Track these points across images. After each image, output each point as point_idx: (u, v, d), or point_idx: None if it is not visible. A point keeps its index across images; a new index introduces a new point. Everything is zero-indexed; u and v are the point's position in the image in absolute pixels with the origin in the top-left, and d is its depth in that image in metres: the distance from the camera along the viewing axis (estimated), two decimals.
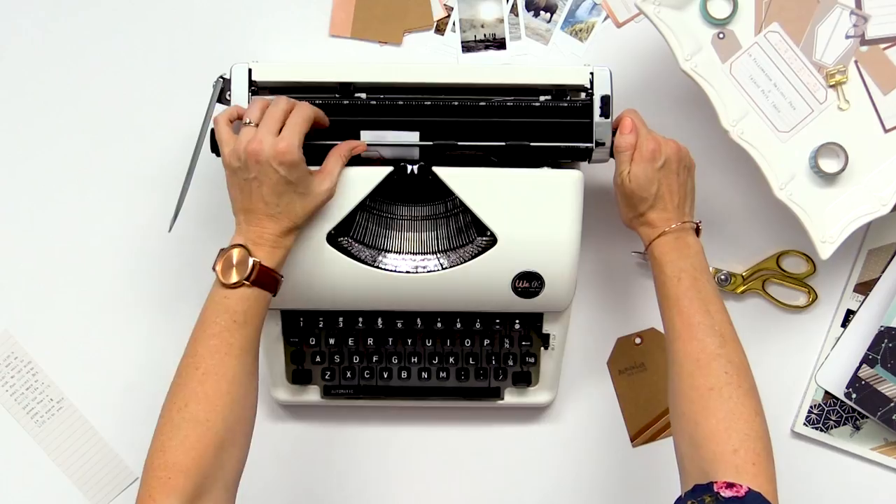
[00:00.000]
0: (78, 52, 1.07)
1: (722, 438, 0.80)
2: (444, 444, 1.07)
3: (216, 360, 0.82)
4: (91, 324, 1.06)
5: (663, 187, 0.92)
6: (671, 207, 0.92)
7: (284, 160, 0.84)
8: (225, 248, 0.86)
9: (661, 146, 0.92)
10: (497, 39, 1.07)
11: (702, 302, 0.87)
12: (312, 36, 1.06)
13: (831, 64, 0.97)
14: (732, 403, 0.82)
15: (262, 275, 0.85)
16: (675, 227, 0.91)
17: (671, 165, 0.92)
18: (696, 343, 0.85)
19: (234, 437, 0.82)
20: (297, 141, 0.85)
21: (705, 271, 0.90)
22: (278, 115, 0.86)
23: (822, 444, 1.07)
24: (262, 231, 0.86)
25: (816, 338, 1.07)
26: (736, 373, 0.84)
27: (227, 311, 0.83)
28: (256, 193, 0.85)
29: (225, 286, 0.84)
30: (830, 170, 0.96)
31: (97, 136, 1.07)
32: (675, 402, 0.85)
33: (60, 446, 1.06)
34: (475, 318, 1.00)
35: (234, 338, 0.83)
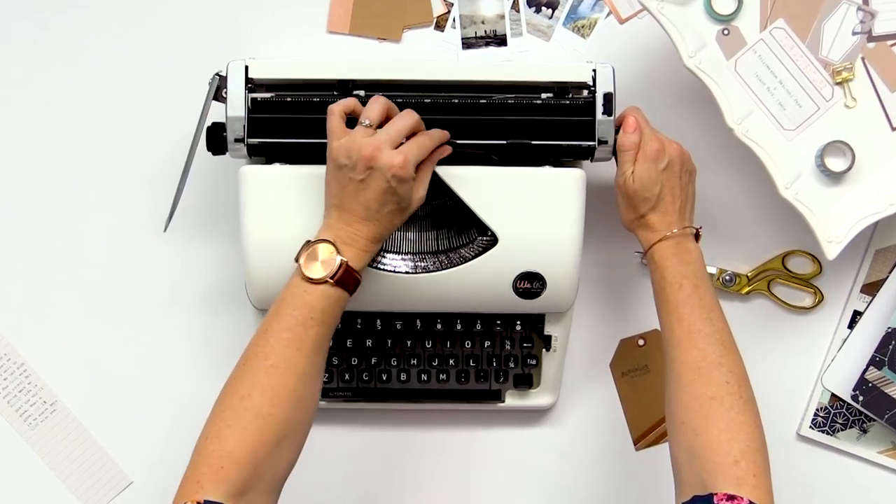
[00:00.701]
0: (71, 49, 1.06)
1: (723, 449, 0.80)
2: (444, 448, 1.07)
3: (287, 354, 0.81)
4: (85, 325, 1.06)
5: (666, 189, 0.91)
6: (672, 211, 0.92)
7: (399, 174, 0.84)
8: (311, 241, 0.84)
9: (666, 147, 0.92)
10: (498, 36, 1.07)
11: (703, 310, 0.87)
12: (310, 32, 1.06)
13: (838, 61, 0.97)
14: (734, 413, 0.82)
15: (346, 275, 0.84)
16: (677, 232, 0.91)
17: (674, 167, 0.92)
18: (696, 351, 0.85)
19: (293, 436, 0.81)
20: (414, 160, 0.85)
21: (706, 278, 0.90)
22: (402, 131, 0.86)
23: (829, 448, 1.07)
24: (355, 233, 0.85)
25: (822, 339, 1.07)
26: (737, 383, 0.84)
27: (306, 307, 0.82)
28: (360, 196, 0.85)
29: (306, 280, 0.83)
30: (837, 168, 0.96)
31: (91, 134, 1.06)
32: (673, 411, 0.85)
33: (54, 449, 1.06)
34: (476, 319, 1.00)
35: (309, 335, 0.82)
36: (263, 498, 0.79)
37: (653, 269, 0.91)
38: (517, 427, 1.07)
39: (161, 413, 1.06)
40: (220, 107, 0.95)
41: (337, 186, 0.86)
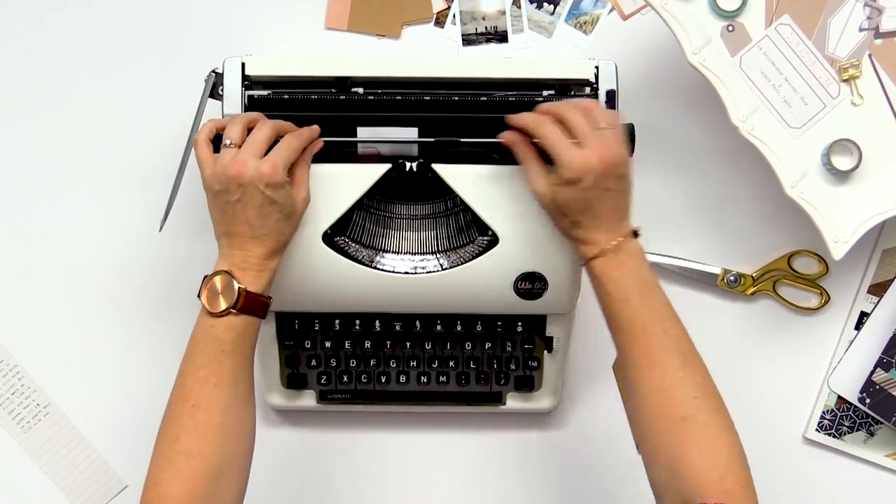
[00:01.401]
0: (65, 47, 1.06)
1: (706, 467, 0.78)
2: (444, 451, 1.07)
3: (206, 391, 0.82)
4: (79, 327, 1.06)
5: (595, 204, 0.84)
6: (607, 223, 0.85)
7: (270, 182, 0.84)
8: (209, 275, 0.85)
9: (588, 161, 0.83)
10: (499, 32, 1.07)
11: (655, 322, 0.83)
12: (308, 28, 1.06)
13: (844, 57, 0.96)
14: (709, 429, 0.80)
15: (248, 301, 0.84)
16: (615, 244, 0.85)
17: (603, 181, 0.84)
18: (657, 370, 0.82)
19: (230, 468, 0.82)
20: (283, 164, 0.85)
21: (653, 284, 0.85)
22: (262, 140, 0.86)
23: (835, 451, 1.07)
24: (247, 255, 0.85)
25: (829, 341, 1.07)
26: (703, 394, 0.81)
27: (215, 341, 0.83)
28: (240, 216, 0.85)
29: (211, 315, 0.84)
30: (843, 167, 0.96)
31: (84, 134, 1.06)
32: (644, 434, 0.83)
33: (47, 453, 1.06)
34: (476, 320, 1.00)
35: (224, 367, 0.83)
36: None
37: (595, 284, 0.86)
38: (518, 430, 1.07)
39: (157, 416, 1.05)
40: (216, 104, 0.95)
41: (219, 214, 0.86)
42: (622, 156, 0.85)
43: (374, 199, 0.96)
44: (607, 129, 0.85)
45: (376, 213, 0.96)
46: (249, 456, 0.85)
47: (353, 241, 0.96)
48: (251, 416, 0.86)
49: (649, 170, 1.06)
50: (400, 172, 0.94)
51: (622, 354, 0.85)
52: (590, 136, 0.84)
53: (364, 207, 0.96)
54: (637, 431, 0.84)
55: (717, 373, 1.07)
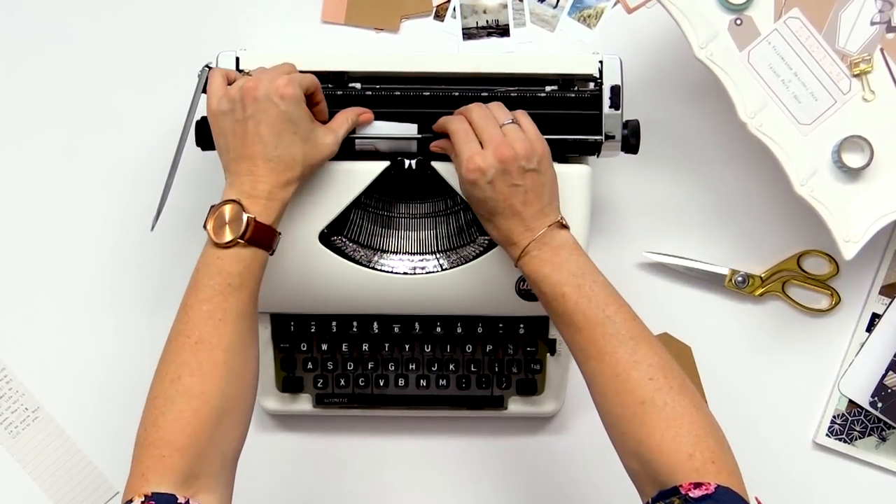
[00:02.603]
0: (53, 39, 1.06)
1: (672, 449, 0.78)
2: (444, 457, 1.07)
3: (210, 327, 0.80)
4: (69, 329, 1.06)
5: (501, 203, 0.85)
6: (521, 219, 0.85)
7: (285, 93, 0.83)
8: (216, 205, 0.83)
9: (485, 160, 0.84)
10: (500, 26, 1.07)
11: (597, 310, 0.82)
12: (304, 22, 1.06)
13: (855, 52, 0.96)
14: (669, 409, 0.79)
15: (257, 232, 0.82)
16: (537, 239, 0.85)
17: (505, 178, 0.85)
18: (608, 358, 0.81)
19: (233, 411, 0.80)
20: (299, 81, 0.85)
21: (587, 272, 0.84)
22: (283, 70, 0.86)
23: (846, 457, 1.07)
24: (256, 182, 0.83)
25: (839, 343, 1.07)
26: (661, 374, 0.81)
27: (221, 274, 0.81)
28: (253, 134, 0.83)
29: (217, 246, 0.81)
30: (854, 164, 0.96)
31: (74, 130, 1.06)
32: (608, 424, 0.83)
33: (36, 458, 1.06)
34: (477, 322, 1.00)
35: (229, 302, 0.81)
36: (214, 480, 0.79)
37: (529, 282, 0.87)
38: (520, 435, 1.07)
39: None
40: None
41: (228, 137, 0.85)
42: (525, 149, 0.85)
43: (373, 198, 0.96)
44: (509, 124, 0.87)
45: (374, 211, 0.96)
46: (252, 401, 0.83)
47: (351, 241, 0.96)
48: (255, 357, 0.84)
49: (654, 167, 1.06)
50: (399, 170, 0.94)
51: (573, 350, 0.85)
52: (488, 134, 0.86)
53: (362, 206, 0.96)
54: (604, 422, 0.84)
55: (725, 376, 1.07)
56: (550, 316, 0.86)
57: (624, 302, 0.84)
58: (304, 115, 0.85)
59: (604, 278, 0.85)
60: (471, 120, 0.88)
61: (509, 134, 0.86)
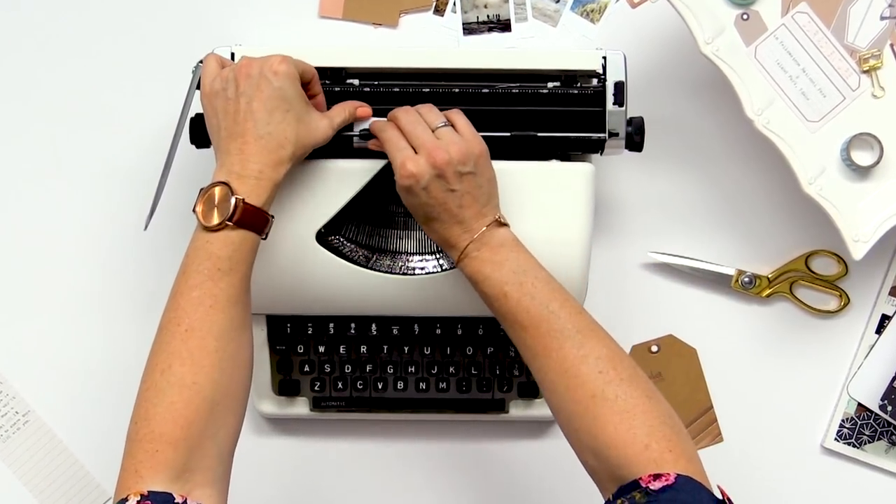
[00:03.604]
0: (44, 34, 1.06)
1: (627, 441, 0.78)
2: (444, 461, 1.07)
3: (200, 313, 0.79)
4: (60, 330, 1.06)
5: (436, 207, 0.85)
6: (458, 221, 0.86)
7: (279, 70, 0.83)
8: (205, 187, 0.82)
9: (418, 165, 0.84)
10: (501, 21, 1.07)
11: (539, 306, 0.83)
12: (300, 17, 1.06)
13: (865, 47, 0.96)
14: (621, 402, 0.79)
15: (247, 214, 0.81)
16: (475, 243, 0.85)
17: (439, 183, 0.85)
18: (555, 354, 0.81)
19: (227, 401, 0.79)
20: (294, 61, 0.85)
21: (528, 269, 0.85)
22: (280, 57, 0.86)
23: (855, 461, 1.07)
24: (246, 161, 0.82)
25: (848, 345, 1.07)
26: (610, 366, 0.80)
27: (210, 258, 0.80)
28: (245, 111, 0.83)
29: (206, 229, 0.80)
30: (864, 162, 0.96)
31: (66, 126, 1.06)
32: (562, 420, 0.83)
33: (27, 463, 1.06)
34: (478, 323, 1.00)
35: (220, 288, 0.80)
36: (210, 473, 0.78)
37: (472, 284, 0.87)
38: (522, 439, 1.07)
39: None
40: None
41: (220, 117, 0.84)
42: (460, 153, 0.85)
43: (371, 197, 0.96)
44: (442, 127, 0.86)
45: (373, 210, 0.96)
46: (246, 390, 0.83)
47: (349, 241, 0.96)
48: (249, 344, 0.83)
49: (659, 165, 1.06)
50: None
51: (519, 348, 0.85)
52: (420, 139, 0.86)
53: (360, 205, 0.96)
54: (558, 420, 0.83)
55: (731, 378, 1.07)
56: (496, 317, 0.86)
57: (569, 296, 0.84)
58: (298, 94, 0.85)
59: (546, 273, 0.85)
60: (400, 126, 0.87)
61: (444, 137, 0.86)
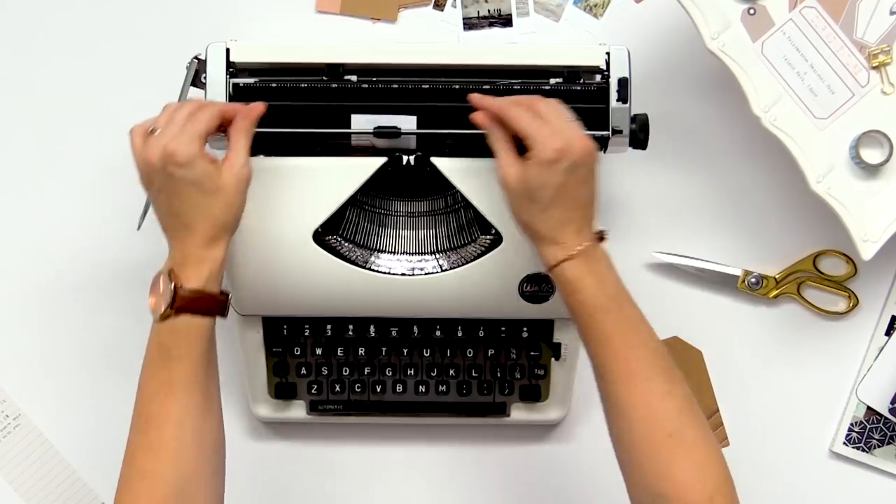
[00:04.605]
0: (34, 30, 1.06)
1: (696, 488, 0.78)
2: (444, 466, 1.07)
3: (156, 403, 0.82)
4: (51, 332, 1.06)
5: (568, 193, 0.83)
6: (579, 218, 0.84)
7: (175, 160, 0.81)
8: (154, 276, 0.84)
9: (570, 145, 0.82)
10: (503, 16, 1.06)
11: (634, 333, 0.83)
12: (298, 12, 1.06)
13: (874, 43, 0.96)
14: (698, 446, 0.80)
15: (187, 301, 0.82)
16: (588, 245, 0.83)
17: (581, 170, 0.83)
18: (641, 384, 0.81)
19: (194, 486, 0.81)
20: (188, 138, 0.82)
21: (625, 293, 0.84)
22: (180, 119, 0.84)
23: (864, 466, 1.07)
24: (184, 248, 0.83)
25: (857, 347, 1.07)
26: (690, 411, 0.81)
27: (160, 348, 0.82)
28: (166, 206, 0.84)
29: (158, 319, 0.82)
30: (873, 160, 0.96)
31: (54, 125, 1.06)
32: (626, 453, 0.82)
33: (17, 467, 1.06)
34: (478, 325, 1.00)
35: (173, 376, 0.82)
36: None
37: (565, 292, 0.84)
38: (523, 443, 1.07)
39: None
40: (198, 93, 0.95)
41: (155, 210, 0.85)
42: (595, 151, 0.84)
43: (369, 195, 0.96)
44: (576, 122, 0.85)
45: (371, 209, 0.96)
46: (218, 471, 0.84)
47: (346, 241, 0.96)
48: (214, 427, 0.84)
49: (664, 163, 1.06)
50: (396, 166, 0.94)
51: (601, 369, 0.83)
52: (563, 124, 0.84)
53: (358, 204, 0.96)
54: (620, 449, 0.83)
55: (737, 381, 1.07)
56: (581, 330, 0.85)
57: (655, 333, 0.84)
58: (202, 170, 0.82)
59: (636, 304, 0.84)
60: (537, 109, 0.85)
61: (579, 131, 0.84)
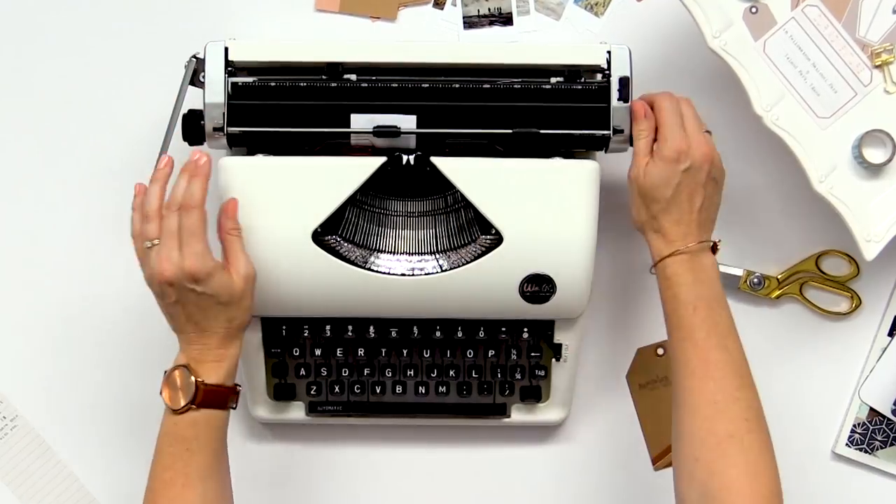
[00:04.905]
0: (31, 28, 1.06)
1: (744, 493, 0.81)
2: (444, 467, 1.07)
3: (172, 493, 0.85)
4: (48, 333, 1.06)
5: (683, 193, 0.90)
6: (689, 220, 0.90)
7: (195, 278, 0.85)
8: (168, 370, 0.88)
9: (692, 148, 0.90)
10: (503, 14, 1.06)
11: (719, 336, 0.87)
12: (296, 10, 1.06)
13: (877, 42, 0.96)
14: (754, 455, 0.83)
15: (209, 395, 0.87)
16: (693, 247, 0.90)
17: (699, 173, 0.90)
18: (713, 383, 0.85)
19: None
20: (201, 251, 0.86)
21: (722, 299, 0.89)
22: (174, 228, 0.86)
23: (867, 467, 1.07)
24: (203, 347, 0.88)
25: (860, 348, 1.07)
26: (756, 421, 0.85)
27: (178, 440, 0.86)
28: (182, 315, 0.87)
29: (174, 412, 0.86)
30: (876, 160, 0.96)
31: (54, 123, 1.06)
32: (685, 446, 0.85)
33: (14, 469, 1.06)
34: (478, 326, 0.99)
35: (190, 467, 0.86)
36: None
37: (663, 286, 0.91)
38: (524, 445, 1.07)
39: (131, 430, 1.06)
40: (197, 92, 0.95)
41: (167, 315, 0.89)
42: (719, 160, 0.92)
43: (369, 195, 0.96)
44: (707, 134, 0.92)
45: (370, 209, 0.96)
46: None
47: (346, 241, 0.96)
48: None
49: None
50: (396, 166, 0.94)
51: (679, 363, 0.88)
52: (694, 129, 0.91)
53: (357, 204, 0.96)
54: (680, 443, 0.86)
55: None
56: (669, 323, 0.90)
57: (741, 343, 0.88)
58: (221, 282, 0.87)
59: (731, 315, 0.89)
60: (682, 110, 0.92)
61: (711, 142, 0.92)
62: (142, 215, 0.89)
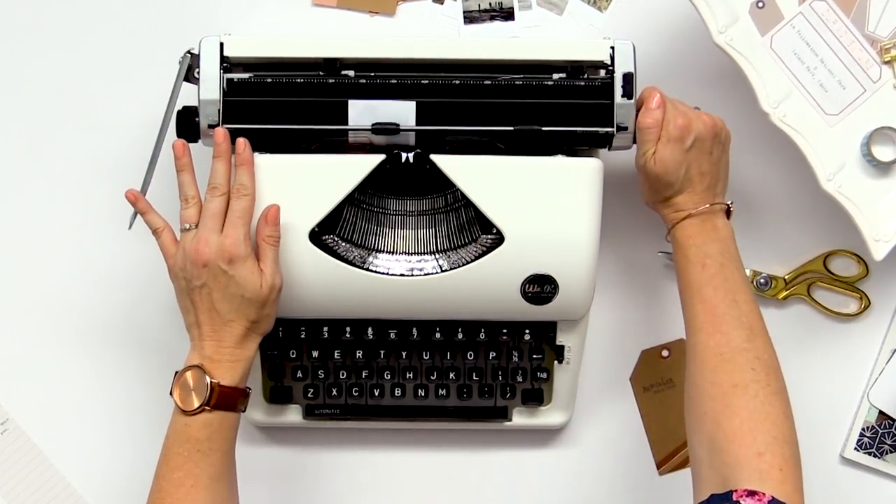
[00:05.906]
0: (25, 24, 1.06)
1: (746, 440, 0.81)
2: (444, 471, 1.07)
3: (182, 493, 0.85)
4: (39, 334, 1.06)
5: (693, 169, 0.92)
6: (700, 189, 0.93)
7: (234, 257, 0.87)
8: (180, 371, 0.88)
9: (692, 122, 0.92)
10: (504, 9, 1.06)
11: (728, 291, 0.88)
12: (293, 5, 1.06)
13: (886, 37, 0.96)
14: (758, 402, 0.83)
15: (223, 396, 0.87)
16: (704, 210, 0.92)
17: (704, 144, 0.92)
18: (719, 336, 0.87)
19: None
20: (244, 233, 0.88)
21: (734, 258, 0.91)
22: (218, 211, 0.89)
23: (876, 472, 1.07)
24: (219, 345, 0.88)
25: (869, 350, 1.07)
26: (764, 370, 0.85)
27: (189, 441, 0.86)
28: (206, 302, 0.88)
29: (185, 413, 0.87)
30: (885, 158, 0.96)
31: (47, 119, 1.06)
32: (693, 400, 0.87)
33: (5, 473, 1.06)
34: (479, 327, 0.99)
35: (200, 468, 0.86)
36: None
37: (675, 250, 0.93)
38: (525, 448, 1.07)
39: (124, 434, 1.06)
40: (191, 88, 0.95)
41: (187, 304, 0.90)
42: (726, 128, 0.94)
43: (367, 194, 0.96)
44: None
45: (369, 208, 0.96)
46: None
47: (344, 240, 0.96)
48: None
49: None
50: (395, 164, 0.94)
51: (690, 320, 0.90)
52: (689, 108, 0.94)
53: (355, 203, 0.96)
54: (689, 399, 0.87)
55: None
56: (680, 284, 0.92)
57: (754, 299, 0.90)
58: (252, 270, 0.88)
59: (744, 273, 0.91)
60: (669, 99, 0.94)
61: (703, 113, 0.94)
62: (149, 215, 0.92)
